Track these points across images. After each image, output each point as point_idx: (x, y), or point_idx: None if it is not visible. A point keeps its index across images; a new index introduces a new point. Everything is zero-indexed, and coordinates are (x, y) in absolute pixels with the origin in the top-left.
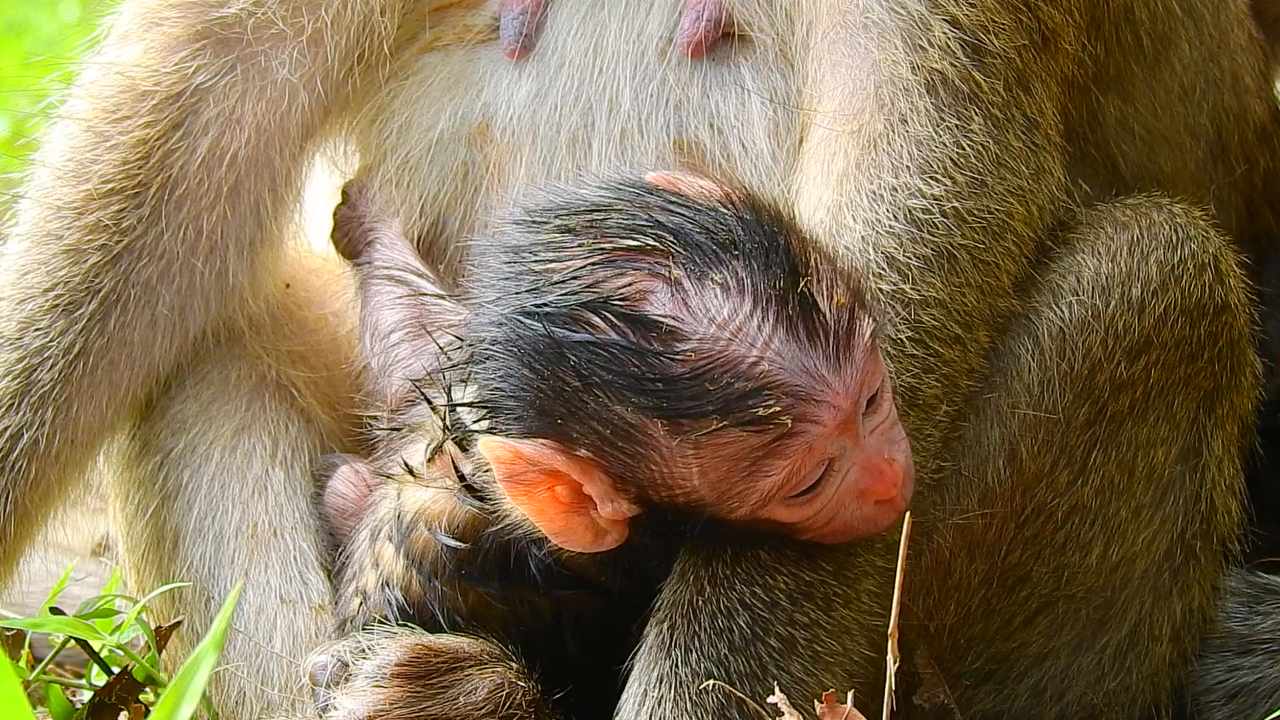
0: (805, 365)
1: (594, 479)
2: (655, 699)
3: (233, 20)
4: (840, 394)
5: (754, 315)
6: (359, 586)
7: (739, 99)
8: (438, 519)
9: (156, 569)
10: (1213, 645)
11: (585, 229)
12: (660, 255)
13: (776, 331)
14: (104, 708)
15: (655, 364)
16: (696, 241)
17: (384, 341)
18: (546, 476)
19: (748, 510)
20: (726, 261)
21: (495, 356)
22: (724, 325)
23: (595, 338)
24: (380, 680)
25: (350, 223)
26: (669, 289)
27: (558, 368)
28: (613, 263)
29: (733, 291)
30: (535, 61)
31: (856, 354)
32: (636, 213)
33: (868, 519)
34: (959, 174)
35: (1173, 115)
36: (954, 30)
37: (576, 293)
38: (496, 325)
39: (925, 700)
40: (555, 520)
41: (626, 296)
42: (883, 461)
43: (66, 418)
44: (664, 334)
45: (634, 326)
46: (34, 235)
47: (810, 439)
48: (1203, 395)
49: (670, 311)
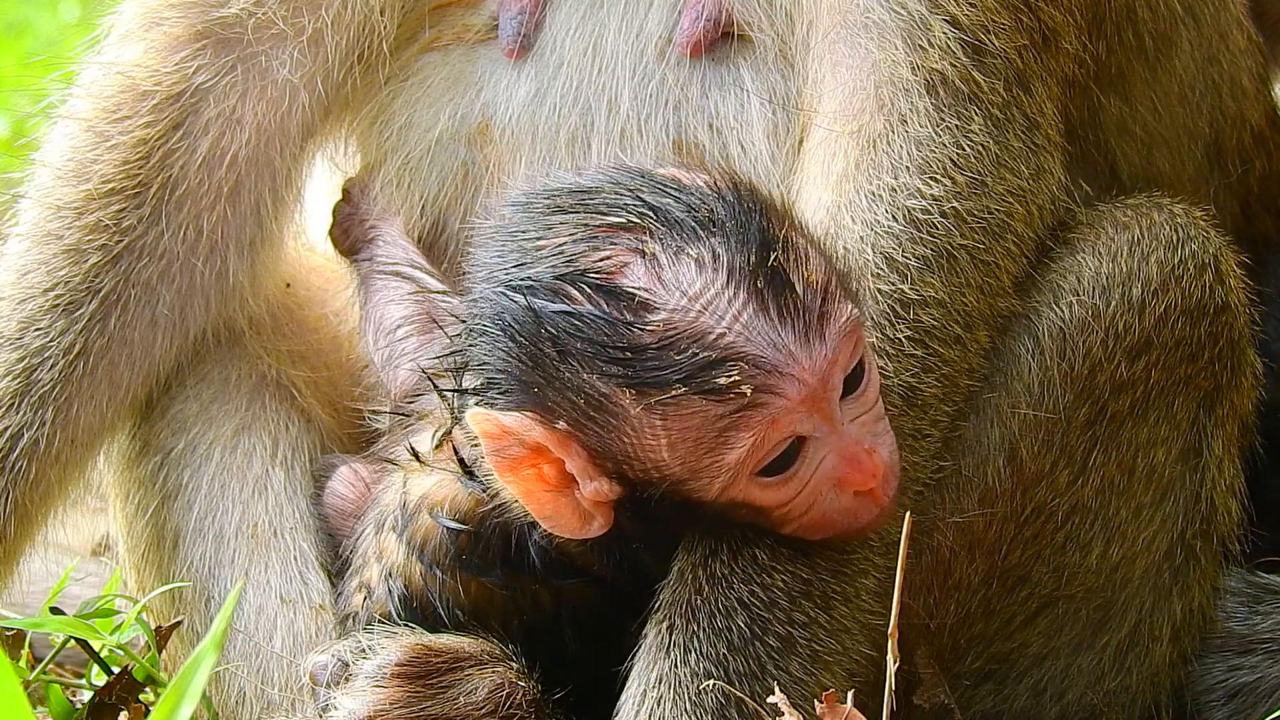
0: (771, 339)
1: (572, 452)
2: (654, 699)
3: (233, 20)
4: (805, 369)
5: (725, 289)
6: (363, 580)
7: (738, 99)
8: (441, 504)
9: (156, 569)
10: (1213, 645)
11: (573, 208)
12: (640, 231)
13: (747, 305)
14: (104, 708)
15: (625, 333)
16: (677, 219)
17: (390, 336)
18: (531, 453)
19: (720, 488)
20: (704, 239)
21: (486, 331)
22: (695, 298)
23: (571, 308)
24: (380, 680)
25: (351, 220)
26: (644, 263)
27: (537, 338)
28: (594, 238)
29: (707, 266)
30: (534, 61)
31: (829, 334)
32: (623, 192)
33: (847, 511)
34: (959, 174)
35: (1172, 116)
36: (954, 30)
37: (557, 266)
38: (486, 300)
39: (925, 700)
40: (542, 501)
41: (603, 269)
42: (861, 451)
43: (67, 418)
44: (635, 305)
45: (607, 297)
46: (34, 235)
47: (773, 411)
48: (1203, 395)
49: (643, 284)
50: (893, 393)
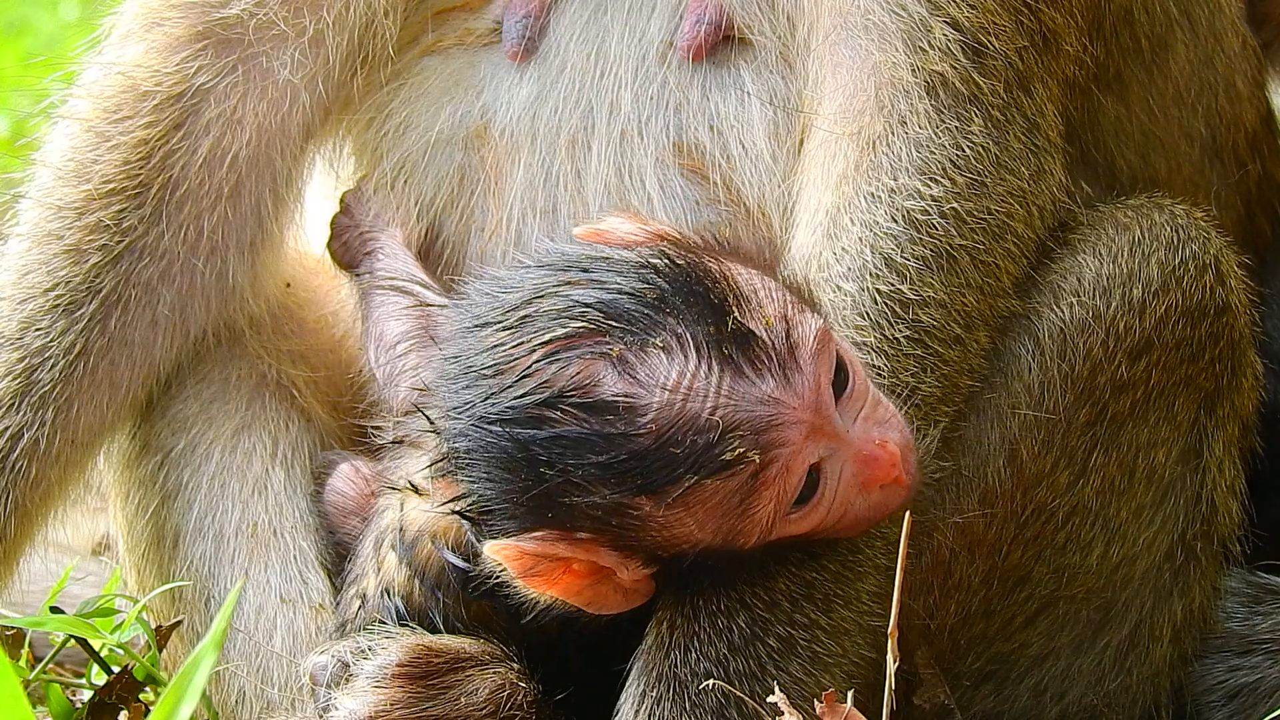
0: (757, 397)
1: (601, 555)
2: (654, 698)
3: (234, 21)
4: (798, 406)
5: (699, 368)
6: (360, 589)
7: (739, 101)
8: (443, 535)
9: (157, 568)
10: (1213, 646)
11: (519, 324)
12: (597, 336)
13: (724, 375)
14: (104, 707)
15: (622, 444)
16: (626, 311)
17: (390, 352)
18: (560, 562)
19: (758, 539)
20: (660, 321)
21: (473, 464)
22: (675, 388)
23: (558, 431)
24: (381, 680)
25: (349, 231)
26: (614, 368)
27: (532, 466)
28: (554, 355)
29: (675, 351)
30: (537, 64)
31: (804, 361)
32: (559, 298)
33: (878, 505)
34: (958, 175)
35: (1168, 118)
36: (954, 32)
37: (530, 392)
38: (463, 436)
39: (925, 700)
40: (583, 594)
41: (578, 385)
42: (875, 447)
43: (67, 418)
44: (622, 412)
45: (591, 413)
46: (35, 235)
47: (784, 460)
48: (1204, 396)
49: (622, 390)
50: (891, 393)
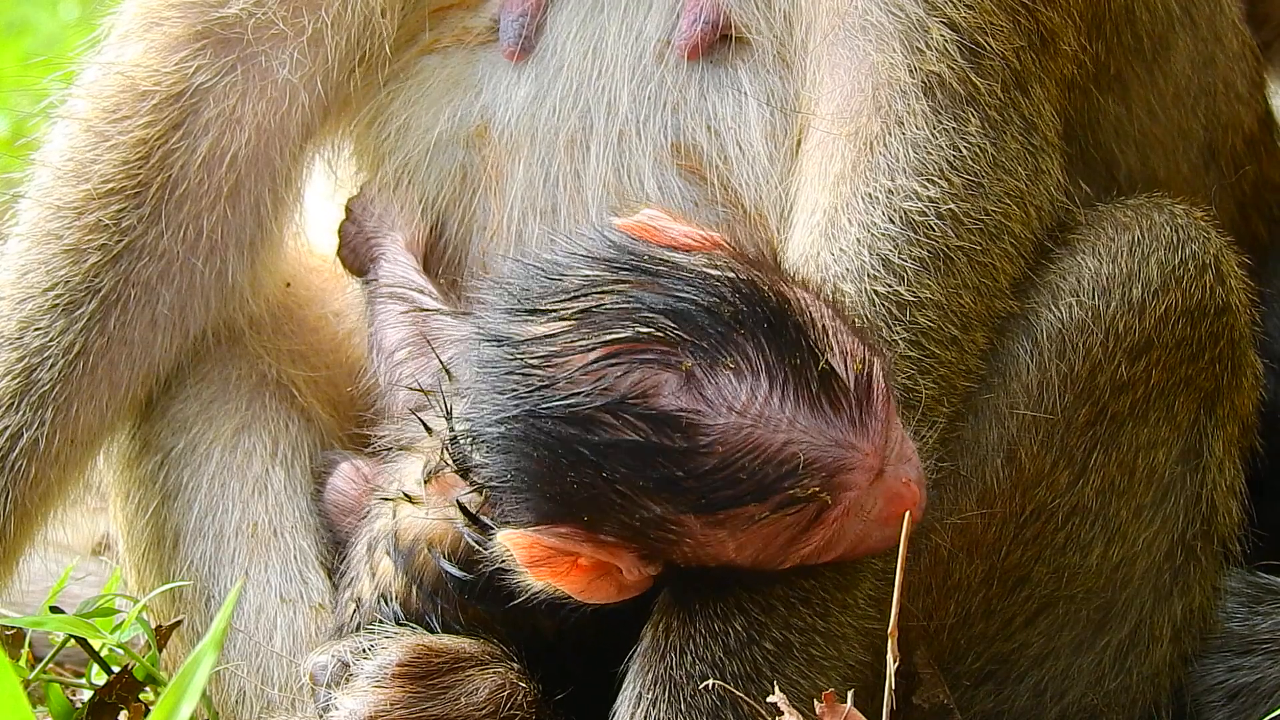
0: (834, 438)
1: (621, 558)
2: (650, 700)
3: (233, 20)
4: (871, 453)
5: (773, 395)
6: (355, 593)
7: (736, 101)
8: (439, 543)
9: (157, 568)
10: (1213, 646)
11: (578, 318)
12: (665, 345)
13: (800, 409)
14: (104, 707)
15: (682, 460)
16: (700, 325)
17: (389, 359)
18: (570, 555)
19: (789, 567)
20: (734, 340)
21: (509, 451)
22: (744, 411)
23: (615, 438)
24: (381, 680)
25: (355, 237)
26: (681, 381)
27: (578, 468)
28: (616, 358)
29: (746, 374)
30: (534, 63)
31: (878, 407)
32: (622, 296)
33: (891, 537)
34: (955, 176)
35: (1168, 118)
36: (952, 32)
37: (589, 394)
38: (503, 423)
39: (925, 700)
40: (579, 585)
41: (642, 393)
42: (901, 486)
43: (66, 417)
44: (685, 428)
45: (653, 424)
46: (34, 235)
47: (848, 503)
48: (1203, 396)
49: (687, 405)
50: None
